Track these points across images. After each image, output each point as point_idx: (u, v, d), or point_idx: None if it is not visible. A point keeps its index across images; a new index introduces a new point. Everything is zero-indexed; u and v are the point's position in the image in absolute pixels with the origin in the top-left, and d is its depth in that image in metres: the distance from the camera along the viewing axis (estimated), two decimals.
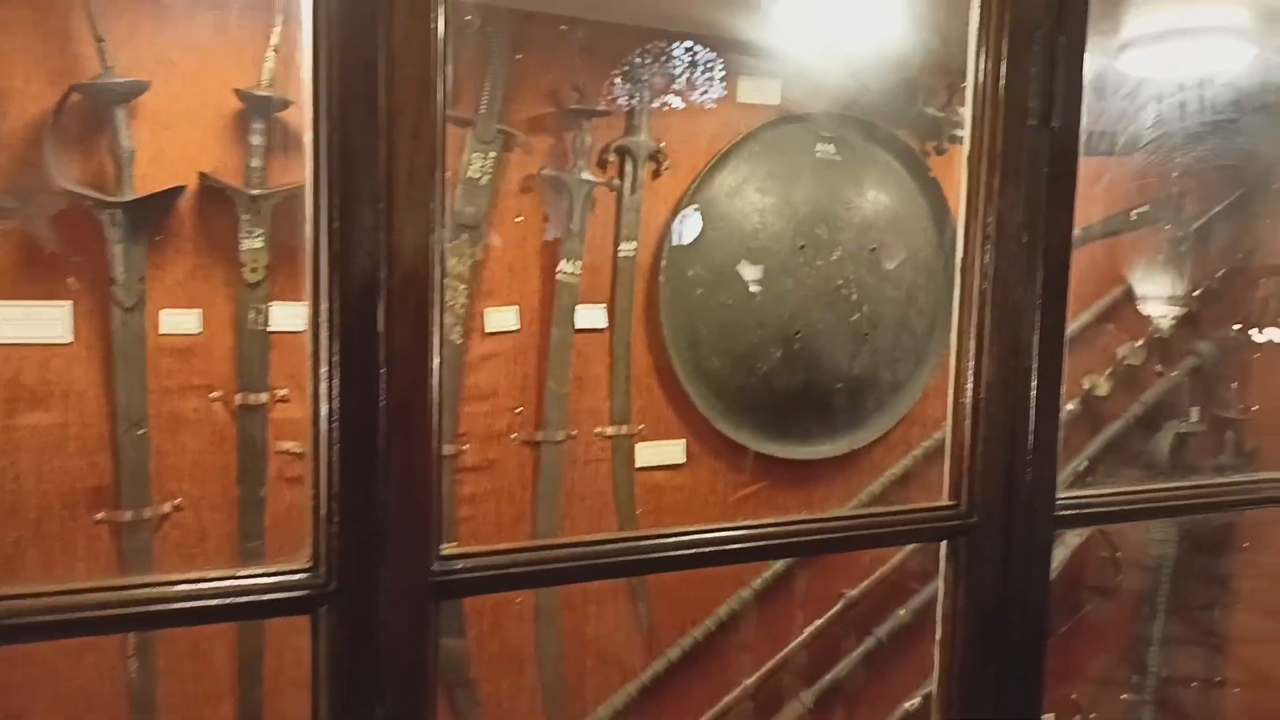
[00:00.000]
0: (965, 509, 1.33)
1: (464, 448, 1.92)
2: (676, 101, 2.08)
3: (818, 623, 2.22)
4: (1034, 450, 1.35)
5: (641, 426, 2.07)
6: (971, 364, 1.33)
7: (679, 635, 2.14)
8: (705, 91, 2.11)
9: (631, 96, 2.03)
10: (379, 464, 0.98)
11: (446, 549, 1.03)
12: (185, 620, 1.00)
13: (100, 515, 1.62)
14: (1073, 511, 1.40)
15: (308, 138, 0.94)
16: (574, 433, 2.01)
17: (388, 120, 0.96)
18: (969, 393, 1.33)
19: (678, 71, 2.07)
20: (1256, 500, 1.66)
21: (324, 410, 0.97)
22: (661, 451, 2.12)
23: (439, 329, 1.01)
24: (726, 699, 2.14)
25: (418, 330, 0.99)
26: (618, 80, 2.02)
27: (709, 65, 2.08)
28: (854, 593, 2.26)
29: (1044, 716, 2.67)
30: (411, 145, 0.97)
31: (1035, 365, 1.33)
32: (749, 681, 2.15)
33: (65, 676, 1.64)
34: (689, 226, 2.10)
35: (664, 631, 2.14)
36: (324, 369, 0.97)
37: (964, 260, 1.32)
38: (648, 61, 2.02)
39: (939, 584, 1.38)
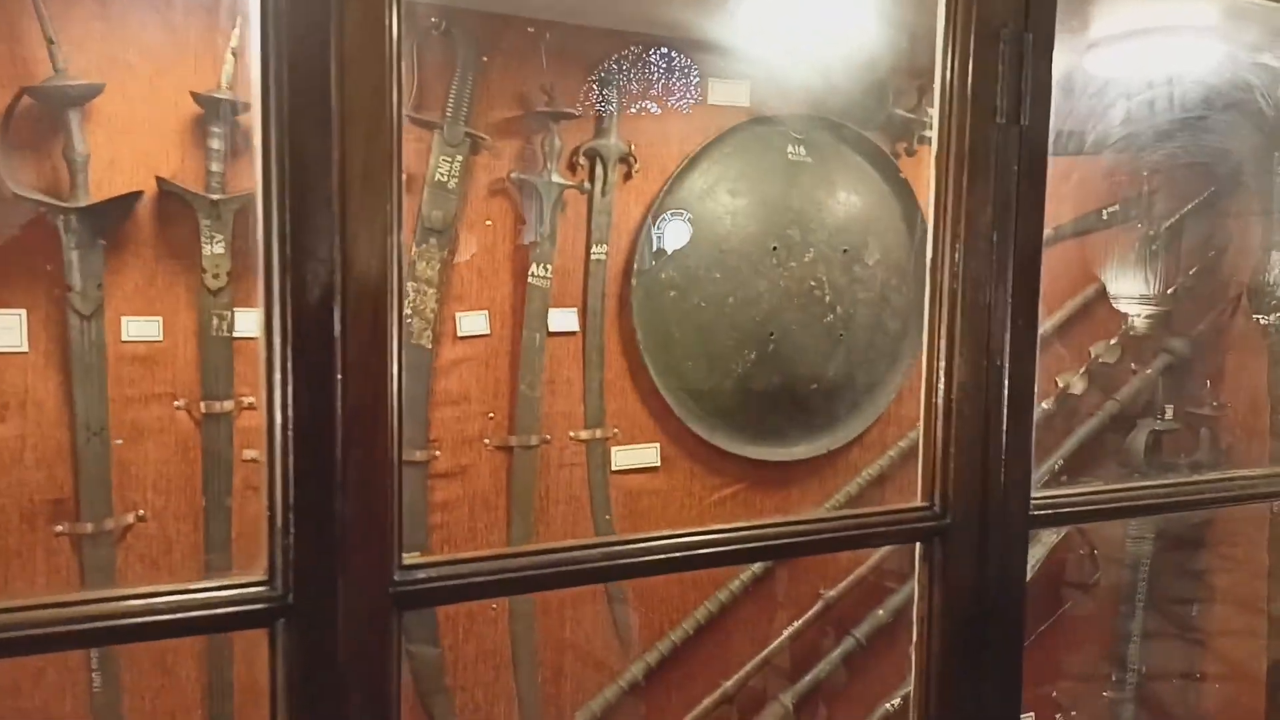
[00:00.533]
0: (939, 510, 1.32)
1: (435, 454, 1.89)
2: (647, 104, 2.06)
3: (796, 624, 2.20)
4: (1008, 450, 1.34)
5: (615, 430, 2.06)
6: (943, 364, 1.32)
7: (657, 638, 2.12)
8: (675, 94, 2.10)
9: (601, 99, 2.01)
10: (336, 474, 0.96)
11: (409, 559, 1.01)
12: (139, 636, 0.97)
13: (61, 528, 1.59)
14: (1047, 511, 1.40)
15: (258, 141, 0.91)
16: (547, 437, 1.99)
17: (341, 123, 0.94)
18: (941, 393, 1.32)
19: (648, 74, 2.06)
20: (1229, 498, 1.66)
21: (278, 419, 0.95)
22: (636, 455, 2.10)
23: (398, 334, 0.99)
24: (706, 701, 2.12)
25: (375, 336, 0.97)
26: (587, 83, 2.01)
27: (679, 68, 2.07)
28: (832, 594, 2.25)
29: (1024, 715, 2.68)
30: (366, 148, 0.95)
31: (1007, 365, 1.33)
32: (728, 684, 2.14)
33: (26, 693, 1.60)
34: (674, 232, 2.09)
35: (642, 635, 2.13)
36: (278, 376, 0.94)
37: (934, 260, 1.31)
38: (617, 64, 2.01)
39: (914, 586, 1.37)
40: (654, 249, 2.09)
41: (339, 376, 0.95)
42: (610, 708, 2.05)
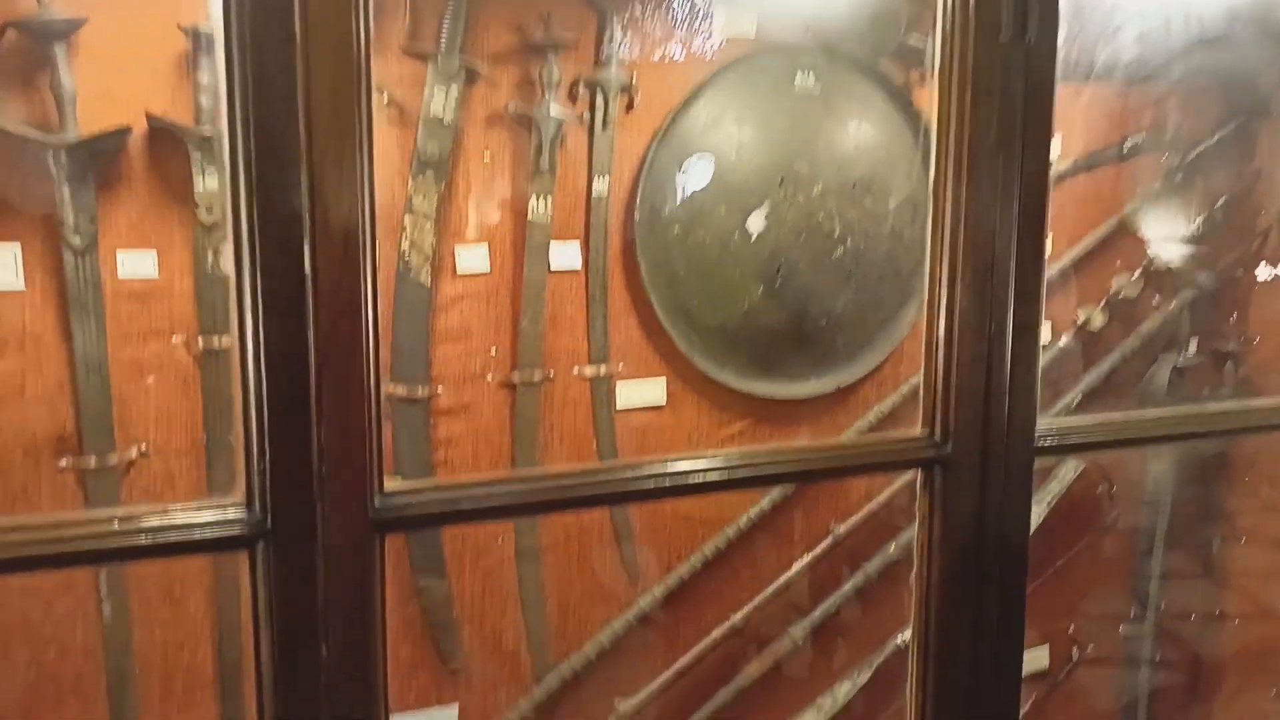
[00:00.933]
0: (940, 438, 1.30)
1: (437, 390, 1.89)
2: (649, 33, 2.01)
3: (806, 558, 2.20)
4: (1012, 378, 1.31)
5: (621, 364, 2.03)
6: (945, 289, 1.29)
7: (665, 574, 2.13)
8: (679, 23, 2.04)
9: (601, 28, 1.96)
10: (310, 400, 0.95)
11: (390, 485, 1.01)
12: (119, 557, 0.98)
13: (64, 462, 1.60)
14: (1053, 441, 1.37)
15: (220, 62, 0.89)
16: (551, 373, 1.98)
17: (304, 40, 0.91)
18: (943, 318, 1.29)
19: (651, 2, 2.00)
20: (1246, 428, 1.62)
21: (250, 345, 0.94)
22: (642, 392, 2.09)
23: (371, 259, 0.97)
24: (715, 634, 2.13)
25: (347, 260, 0.95)
26: (587, 11, 1.96)
27: None
28: (842, 529, 2.23)
29: (1039, 648, 2.67)
30: (333, 67, 0.93)
31: (1012, 290, 1.29)
32: (737, 617, 2.14)
33: (38, 623, 1.64)
34: (678, 165, 2.04)
35: (650, 571, 2.13)
36: (247, 298, 0.93)
37: (935, 184, 1.27)
38: None
39: (916, 516, 1.35)
40: (657, 183, 2.05)
41: (310, 302, 0.94)
42: (619, 641, 2.06)
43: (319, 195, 0.93)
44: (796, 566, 2.21)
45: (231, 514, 0.95)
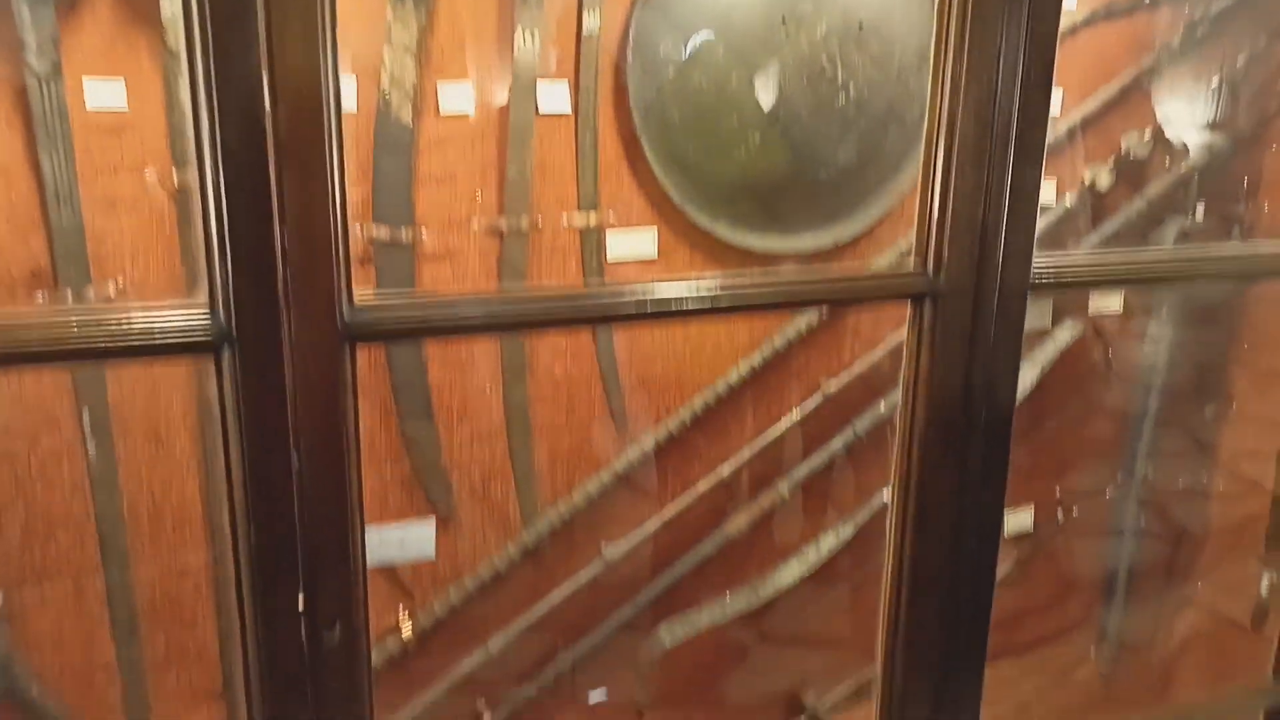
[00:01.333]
0: (932, 272, 1.26)
1: (421, 235, 1.84)
2: None
3: (795, 413, 2.19)
4: (1010, 212, 1.27)
5: (610, 212, 1.98)
6: (945, 115, 1.23)
7: (654, 425, 2.13)
8: None
9: None
10: (271, 200, 0.91)
11: (360, 297, 0.98)
12: (81, 357, 0.96)
13: (40, 296, 1.57)
14: (1049, 279, 1.33)
15: None
16: (539, 220, 1.92)
17: None
18: (941, 144, 1.24)
19: None
20: (1247, 273, 1.58)
21: (206, 140, 0.89)
22: (632, 243, 2.04)
23: (332, 51, 0.91)
24: (702, 485, 2.14)
25: (306, 50, 0.89)
26: None
27: None
28: (833, 387, 2.22)
29: (1024, 508, 2.70)
30: None
31: (1016, 115, 1.23)
32: (725, 470, 2.15)
33: (23, 459, 1.64)
34: (693, 11, 1.93)
35: (639, 423, 2.13)
36: (202, 93, 0.88)
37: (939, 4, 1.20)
38: None
39: (903, 352, 1.33)
40: (651, 21, 1.94)
41: (266, 94, 0.89)
42: (606, 491, 2.08)
43: None
44: (786, 422, 2.20)
45: (195, 319, 0.92)
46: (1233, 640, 2.83)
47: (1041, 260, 1.30)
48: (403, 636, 1.97)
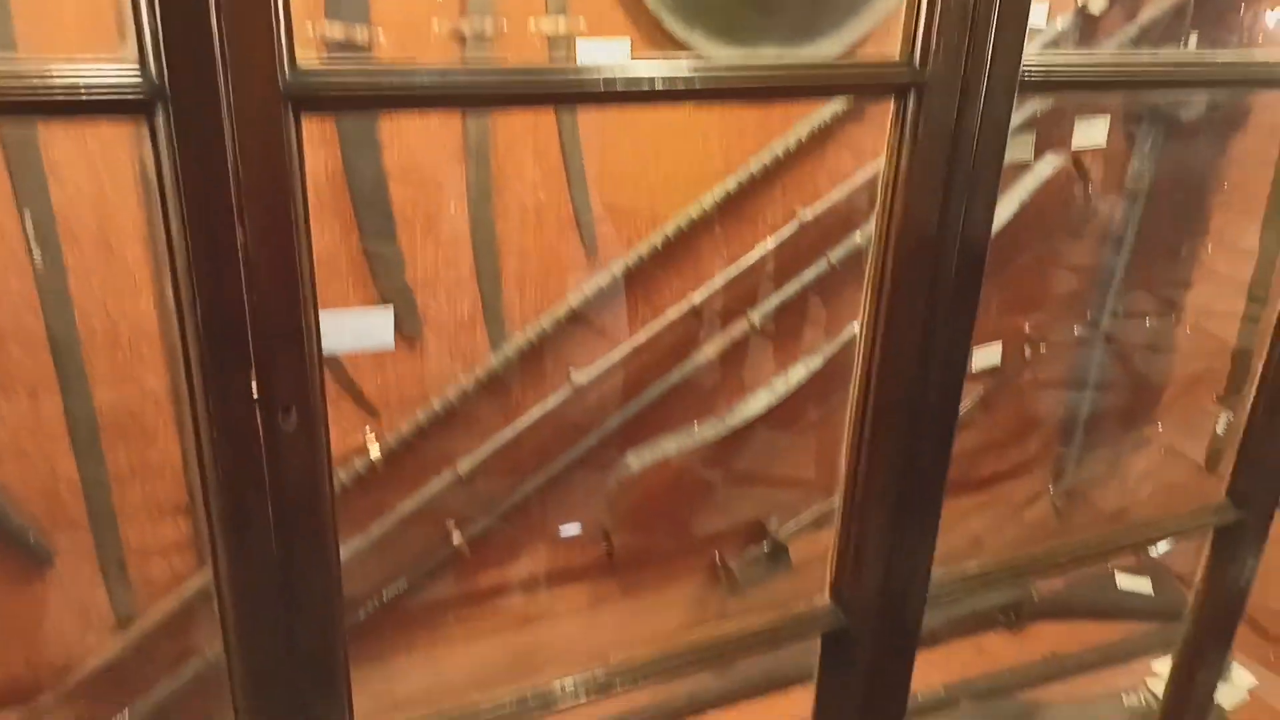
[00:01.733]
0: (918, 62, 1.19)
1: (379, 37, 1.72)
2: None
3: (769, 241, 2.15)
4: (1002, 3, 1.19)
5: (582, 21, 1.86)
6: None
7: (625, 251, 2.08)
8: None
9: None
10: None
11: (304, 62, 0.90)
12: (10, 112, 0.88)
13: None
14: (1040, 77, 1.27)
15: None
16: (504, 25, 1.81)
17: None
18: None
19: None
20: (1240, 79, 1.52)
21: None
22: (604, 54, 1.91)
23: None
24: (671, 313, 2.12)
25: None
26: None
27: None
28: (809, 215, 2.17)
29: (991, 344, 2.70)
30: None
31: None
32: (696, 297, 2.12)
33: None
34: None
35: (610, 249, 2.08)
36: None
37: None
38: None
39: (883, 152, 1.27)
40: None
41: None
42: (574, 315, 2.05)
43: None
44: (759, 249, 2.16)
45: (124, 74, 0.84)
46: (1188, 479, 2.92)
47: (1033, 57, 1.24)
48: (370, 457, 1.97)
